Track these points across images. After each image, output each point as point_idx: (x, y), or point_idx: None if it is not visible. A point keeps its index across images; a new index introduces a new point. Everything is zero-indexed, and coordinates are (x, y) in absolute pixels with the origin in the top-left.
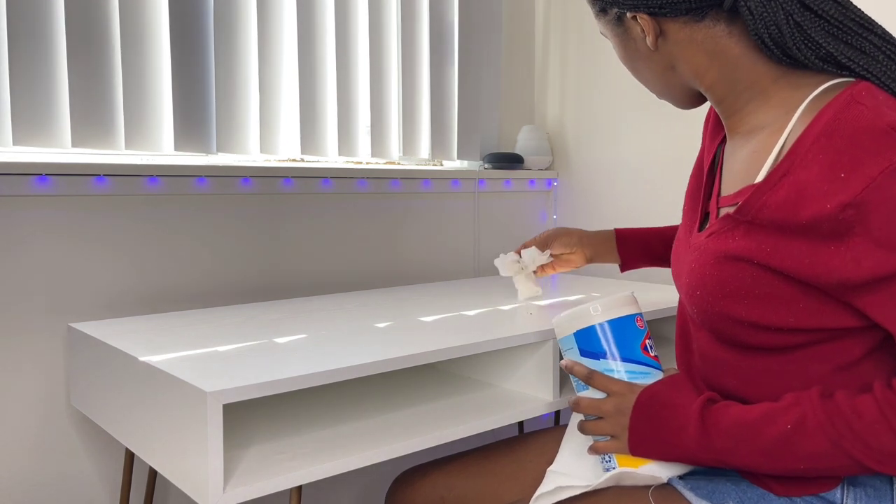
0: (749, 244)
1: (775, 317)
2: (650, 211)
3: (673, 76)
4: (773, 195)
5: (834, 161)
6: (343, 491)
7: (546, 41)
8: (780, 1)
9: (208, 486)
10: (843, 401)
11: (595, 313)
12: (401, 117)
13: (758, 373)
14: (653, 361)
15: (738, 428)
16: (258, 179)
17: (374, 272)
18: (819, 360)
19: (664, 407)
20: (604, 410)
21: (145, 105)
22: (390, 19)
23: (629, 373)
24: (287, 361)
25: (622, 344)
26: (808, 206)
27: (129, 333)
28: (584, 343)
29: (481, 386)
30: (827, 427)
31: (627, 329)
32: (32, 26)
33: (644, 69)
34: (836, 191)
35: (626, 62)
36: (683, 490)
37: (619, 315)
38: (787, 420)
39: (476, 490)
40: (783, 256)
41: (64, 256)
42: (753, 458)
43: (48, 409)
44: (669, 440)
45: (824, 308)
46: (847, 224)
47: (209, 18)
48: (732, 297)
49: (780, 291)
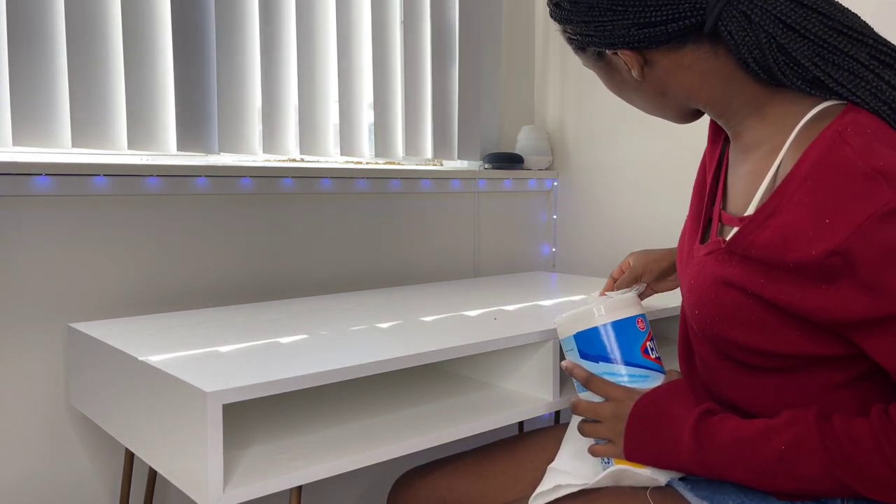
0: (743, 273)
1: (771, 343)
2: (650, 211)
3: (666, 100)
4: (760, 235)
5: (819, 205)
6: (343, 492)
7: (546, 41)
8: (761, 23)
9: (208, 486)
10: (839, 425)
11: (596, 315)
12: (401, 117)
13: (756, 387)
14: (653, 364)
15: (732, 444)
16: (258, 179)
17: (374, 272)
18: (818, 379)
19: (660, 416)
20: (601, 415)
21: (147, 105)
22: (391, 19)
23: (629, 376)
24: (287, 361)
25: (622, 347)
26: (793, 249)
27: (129, 333)
28: (584, 345)
29: (481, 386)
30: (821, 452)
31: (628, 331)
32: (32, 26)
33: (635, 98)
34: (821, 237)
35: (615, 92)
36: (683, 490)
37: (620, 317)
38: (781, 440)
39: (477, 490)
40: (775, 291)
41: (64, 256)
42: (745, 475)
43: (48, 409)
44: (663, 450)
45: (819, 336)
46: (834, 270)
47: (211, 18)
48: (729, 321)
49: (774, 320)
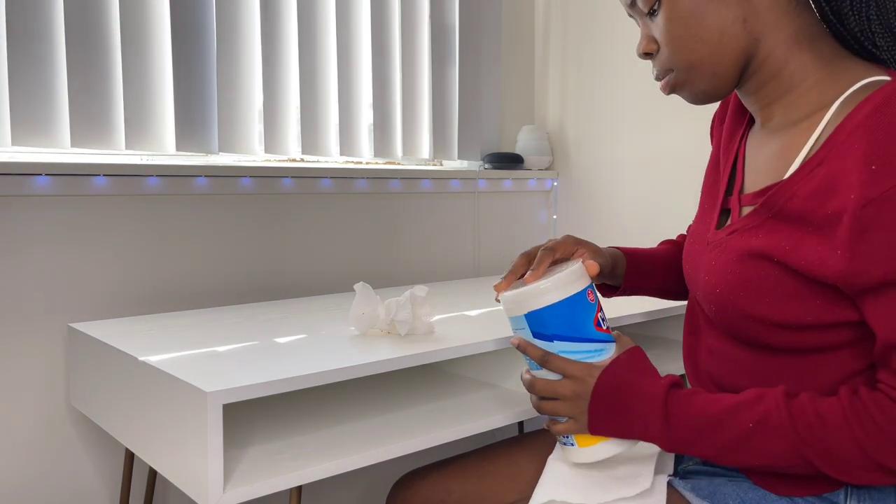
0: (770, 242)
1: (794, 314)
2: (650, 211)
3: (735, 37)
4: (805, 185)
5: (869, 152)
6: (343, 492)
7: (546, 41)
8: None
9: (208, 486)
10: (808, 403)
11: (548, 293)
12: (401, 117)
13: (771, 372)
14: (606, 336)
15: (699, 420)
16: (258, 179)
17: (374, 272)
18: (833, 364)
19: (623, 392)
20: (561, 394)
21: (146, 105)
22: (391, 19)
23: (585, 352)
24: (287, 361)
25: (576, 323)
26: (835, 196)
27: (129, 333)
28: (535, 325)
29: (481, 386)
30: (788, 430)
31: (579, 306)
32: (32, 26)
33: (712, 15)
34: (864, 182)
35: (689, 10)
36: (684, 490)
37: (571, 293)
38: (749, 418)
39: (476, 492)
40: (800, 257)
41: (64, 256)
42: (713, 452)
43: (48, 409)
44: (630, 427)
45: (838, 305)
46: (863, 224)
47: (211, 18)
48: (754, 294)
49: (798, 289)
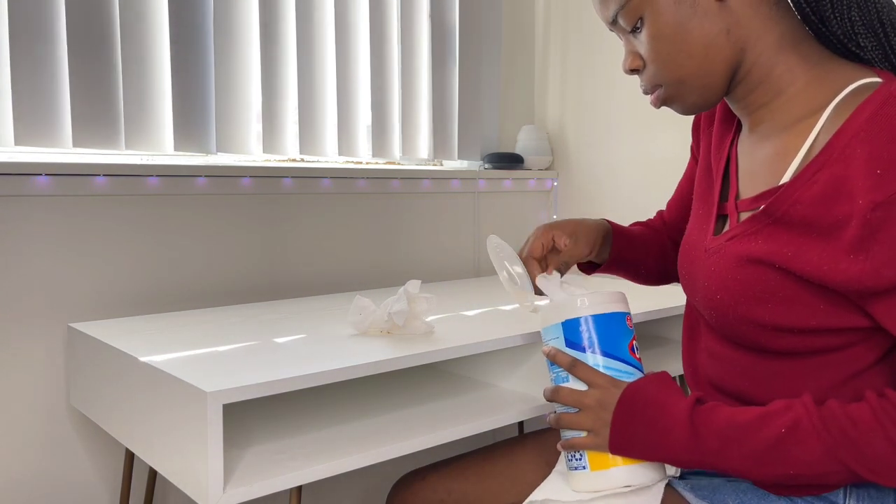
0: (771, 247)
1: (796, 318)
2: (650, 211)
3: (721, 48)
4: (807, 191)
5: (873, 157)
6: (343, 493)
7: (546, 41)
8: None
9: (208, 486)
10: (837, 408)
11: (588, 304)
12: (401, 117)
13: (771, 376)
14: (638, 363)
15: (729, 429)
16: (258, 179)
17: (374, 272)
18: (833, 366)
19: (650, 404)
20: (584, 403)
21: (145, 105)
22: (391, 19)
23: (614, 370)
24: (287, 361)
25: (611, 340)
26: (841, 201)
27: (129, 333)
28: (571, 333)
29: (481, 386)
30: (822, 433)
31: (617, 326)
32: (33, 26)
33: (696, 31)
34: (871, 187)
35: (672, 27)
36: (683, 490)
37: (610, 310)
38: (780, 424)
39: (475, 493)
40: (803, 262)
41: (64, 256)
42: (743, 461)
43: (48, 409)
44: (655, 439)
45: (841, 309)
46: (873, 227)
47: (209, 18)
48: (755, 300)
49: (800, 293)
